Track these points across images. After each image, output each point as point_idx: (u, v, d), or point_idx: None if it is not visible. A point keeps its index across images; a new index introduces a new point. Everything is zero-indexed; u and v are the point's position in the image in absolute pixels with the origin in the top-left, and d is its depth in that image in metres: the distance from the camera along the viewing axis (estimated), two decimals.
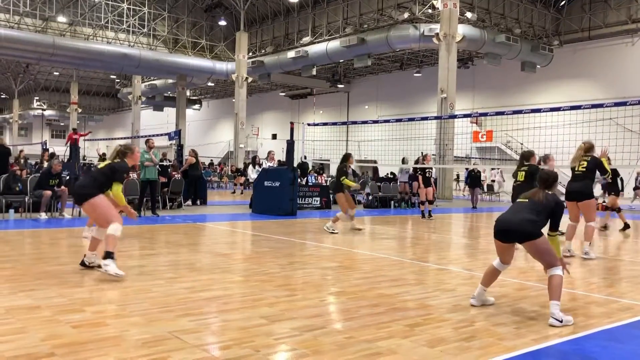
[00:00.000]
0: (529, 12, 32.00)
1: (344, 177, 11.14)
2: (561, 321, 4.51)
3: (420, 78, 38.21)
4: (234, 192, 25.60)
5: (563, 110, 11.15)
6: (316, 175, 21.43)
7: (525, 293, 5.78)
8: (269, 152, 18.50)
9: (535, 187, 5.11)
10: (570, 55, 32.21)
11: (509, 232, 4.88)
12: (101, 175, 6.25)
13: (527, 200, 4.97)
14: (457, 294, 5.65)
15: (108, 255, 5.82)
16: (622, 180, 14.00)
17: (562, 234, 9.24)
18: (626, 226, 12.26)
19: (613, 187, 12.85)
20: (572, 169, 8.47)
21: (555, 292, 4.63)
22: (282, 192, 14.23)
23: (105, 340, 3.85)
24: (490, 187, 27.77)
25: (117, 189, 6.24)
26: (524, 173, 8.58)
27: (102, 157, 27.47)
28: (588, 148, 8.45)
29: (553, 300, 4.61)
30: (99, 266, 5.96)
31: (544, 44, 31.61)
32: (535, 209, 4.84)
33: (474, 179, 20.04)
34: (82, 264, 6.31)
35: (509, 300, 5.40)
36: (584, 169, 8.32)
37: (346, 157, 11.39)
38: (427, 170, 14.78)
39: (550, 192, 4.97)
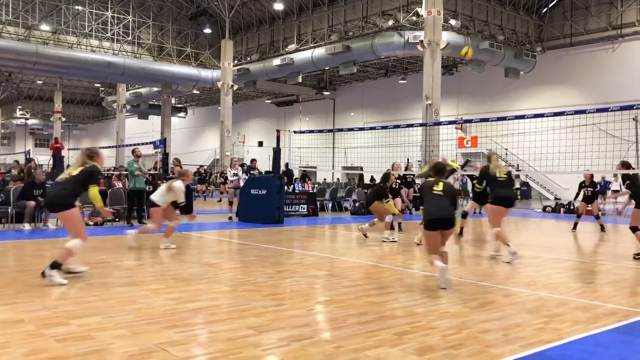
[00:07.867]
0: (511, 19, 32.36)
1: (387, 199, 11.03)
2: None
3: (405, 85, 38.42)
4: (220, 200, 25.47)
5: (547, 116, 11.25)
6: (302, 182, 21.44)
7: (512, 299, 5.81)
8: (231, 160, 17.59)
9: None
10: (553, 62, 32.60)
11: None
12: (76, 183, 6.31)
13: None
14: (444, 301, 5.66)
15: (55, 266, 6.03)
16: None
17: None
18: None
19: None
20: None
21: None
22: (269, 200, 14.18)
23: (91, 354, 3.79)
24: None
25: (94, 191, 6.38)
26: None
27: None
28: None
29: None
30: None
31: (527, 50, 31.97)
32: None
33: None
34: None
35: (496, 307, 5.42)
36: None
37: (387, 177, 11.12)
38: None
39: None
